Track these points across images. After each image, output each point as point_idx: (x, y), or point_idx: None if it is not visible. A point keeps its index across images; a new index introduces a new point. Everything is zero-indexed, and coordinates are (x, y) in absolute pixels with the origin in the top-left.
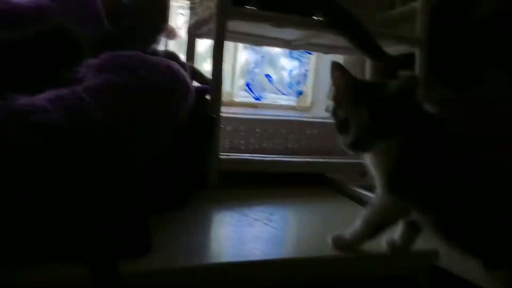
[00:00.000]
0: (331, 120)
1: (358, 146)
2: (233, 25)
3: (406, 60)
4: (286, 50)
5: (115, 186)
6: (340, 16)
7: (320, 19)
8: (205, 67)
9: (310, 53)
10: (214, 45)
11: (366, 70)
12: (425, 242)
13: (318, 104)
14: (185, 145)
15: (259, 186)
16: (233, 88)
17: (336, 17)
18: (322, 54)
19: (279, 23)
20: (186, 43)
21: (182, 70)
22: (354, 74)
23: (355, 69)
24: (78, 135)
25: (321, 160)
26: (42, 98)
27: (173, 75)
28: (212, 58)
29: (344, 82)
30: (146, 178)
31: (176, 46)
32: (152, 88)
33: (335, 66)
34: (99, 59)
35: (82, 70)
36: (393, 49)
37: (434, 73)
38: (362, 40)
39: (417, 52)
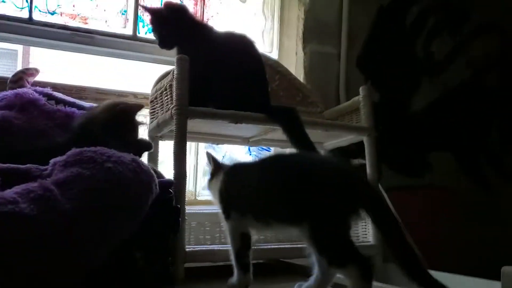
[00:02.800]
0: None
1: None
2: (194, 125)
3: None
4: (246, 148)
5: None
6: (282, 113)
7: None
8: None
9: (268, 150)
10: (175, 144)
11: None
12: None
13: None
14: (149, 237)
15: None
16: (196, 187)
17: (279, 115)
18: (279, 149)
19: (236, 120)
20: None
21: (145, 163)
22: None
23: None
24: (46, 224)
25: (288, 246)
26: (11, 191)
27: (137, 167)
28: (174, 157)
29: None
30: (110, 268)
31: None
32: (118, 179)
33: (208, 155)
34: (65, 155)
35: (49, 167)
36: (345, 138)
37: (386, 160)
38: (297, 136)
39: (365, 140)
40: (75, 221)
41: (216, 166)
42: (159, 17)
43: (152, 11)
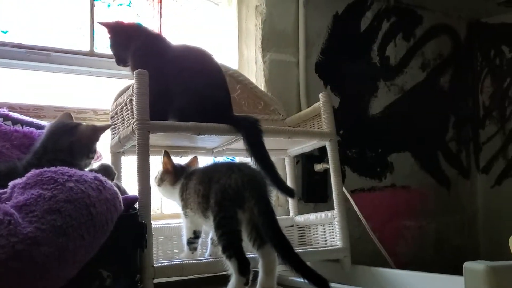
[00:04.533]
0: None
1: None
2: (156, 139)
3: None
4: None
5: None
6: (243, 123)
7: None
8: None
9: (233, 159)
10: (138, 159)
11: None
12: None
13: None
14: (116, 254)
15: None
16: (162, 201)
17: (241, 125)
18: (244, 158)
19: (199, 132)
20: (110, 162)
21: (108, 180)
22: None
23: None
24: (7, 249)
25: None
26: None
27: (100, 185)
28: (137, 172)
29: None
30: None
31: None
32: (81, 198)
33: (165, 153)
34: (25, 177)
35: (8, 190)
36: (308, 144)
37: (349, 163)
38: (255, 147)
39: (327, 145)
40: (37, 243)
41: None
42: (114, 34)
43: (108, 27)
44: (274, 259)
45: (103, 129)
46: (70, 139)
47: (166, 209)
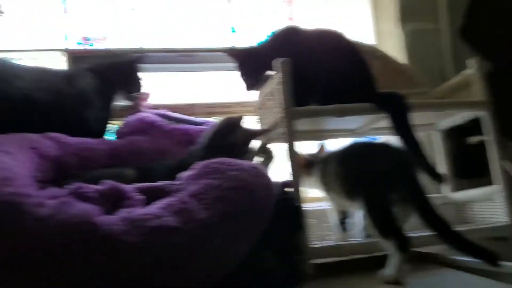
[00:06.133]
0: None
1: None
2: (300, 125)
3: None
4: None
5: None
6: (388, 100)
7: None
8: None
9: (375, 139)
10: (287, 145)
11: None
12: None
13: None
14: (275, 237)
15: (353, 274)
16: None
17: (386, 102)
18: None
19: (342, 113)
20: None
21: (263, 168)
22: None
23: None
24: (187, 233)
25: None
26: (155, 207)
27: (257, 172)
28: (287, 157)
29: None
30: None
31: None
32: (243, 185)
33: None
34: (193, 169)
35: (179, 182)
36: (458, 116)
37: (506, 133)
38: (400, 123)
39: (482, 115)
40: (211, 228)
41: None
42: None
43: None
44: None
45: (259, 134)
46: (229, 141)
47: (313, 192)
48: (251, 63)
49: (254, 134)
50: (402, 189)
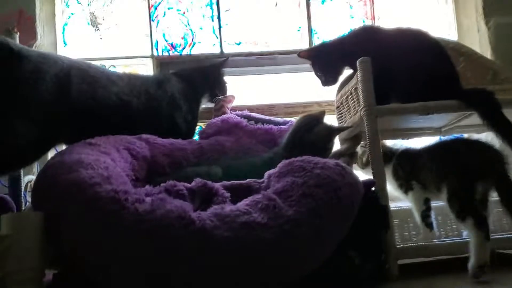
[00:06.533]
0: None
1: None
2: (382, 123)
3: None
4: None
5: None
6: (476, 97)
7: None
8: None
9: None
10: (369, 144)
11: None
12: None
13: None
14: (361, 236)
15: (438, 274)
16: None
17: (474, 99)
18: (474, 135)
19: (427, 111)
20: None
21: (348, 166)
22: None
23: None
24: (274, 229)
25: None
26: (243, 204)
27: (342, 170)
28: (371, 156)
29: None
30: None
31: None
32: (328, 183)
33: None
34: (278, 168)
35: (265, 180)
36: None
37: None
38: (496, 120)
39: None
40: (298, 224)
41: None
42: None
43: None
44: None
45: (338, 130)
46: (310, 138)
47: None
48: (323, 59)
49: (336, 131)
50: (489, 181)
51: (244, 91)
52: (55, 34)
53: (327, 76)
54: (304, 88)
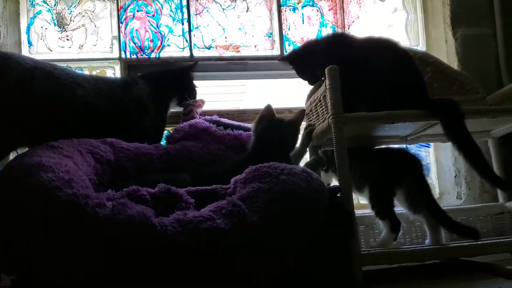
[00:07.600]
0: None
1: None
2: (349, 131)
3: None
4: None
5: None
6: (441, 107)
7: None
8: None
9: (428, 146)
10: (336, 151)
11: None
12: None
13: (446, 194)
14: (325, 241)
15: (403, 281)
16: None
17: (439, 109)
18: (440, 144)
19: (393, 120)
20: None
21: (314, 173)
22: None
23: None
24: (238, 235)
25: (467, 244)
26: (207, 210)
27: (308, 176)
28: (337, 163)
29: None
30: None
31: None
32: (293, 190)
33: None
34: (244, 173)
35: (231, 186)
36: None
37: None
38: (456, 130)
39: None
40: (263, 231)
41: None
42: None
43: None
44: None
45: (299, 118)
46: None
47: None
48: (300, 63)
49: (296, 121)
50: (408, 183)
51: (216, 96)
52: (19, 33)
53: (310, 79)
54: (275, 95)
